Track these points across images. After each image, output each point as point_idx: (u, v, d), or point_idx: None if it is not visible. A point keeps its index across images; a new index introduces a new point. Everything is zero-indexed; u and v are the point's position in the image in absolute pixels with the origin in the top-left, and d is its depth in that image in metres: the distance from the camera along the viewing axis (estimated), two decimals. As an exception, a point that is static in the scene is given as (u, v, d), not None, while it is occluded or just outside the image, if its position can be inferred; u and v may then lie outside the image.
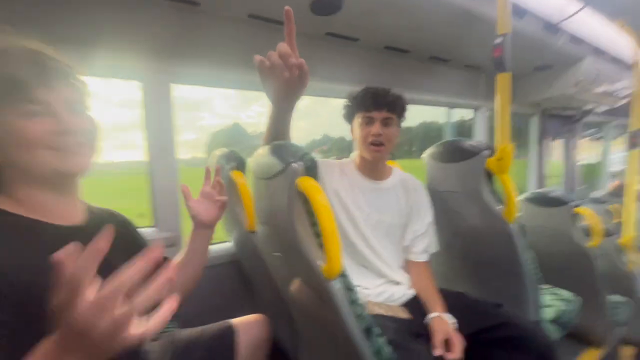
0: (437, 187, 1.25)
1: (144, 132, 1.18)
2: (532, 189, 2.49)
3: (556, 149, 3.08)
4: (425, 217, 1.12)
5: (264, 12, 1.17)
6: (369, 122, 1.04)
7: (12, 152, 0.49)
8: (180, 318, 1.14)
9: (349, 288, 0.68)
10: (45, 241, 0.49)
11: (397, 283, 1.07)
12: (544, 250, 1.58)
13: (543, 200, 1.61)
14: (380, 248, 1.07)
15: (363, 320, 0.68)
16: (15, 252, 0.46)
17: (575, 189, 3.11)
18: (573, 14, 1.69)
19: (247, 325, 0.85)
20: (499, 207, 1.08)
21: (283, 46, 0.65)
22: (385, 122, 1.03)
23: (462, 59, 1.94)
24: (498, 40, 0.98)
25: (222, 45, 1.24)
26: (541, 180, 2.83)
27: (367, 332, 0.68)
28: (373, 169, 1.11)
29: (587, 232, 1.50)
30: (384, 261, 1.07)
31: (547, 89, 2.27)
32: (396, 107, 1.04)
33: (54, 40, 0.52)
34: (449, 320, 0.93)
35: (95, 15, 0.96)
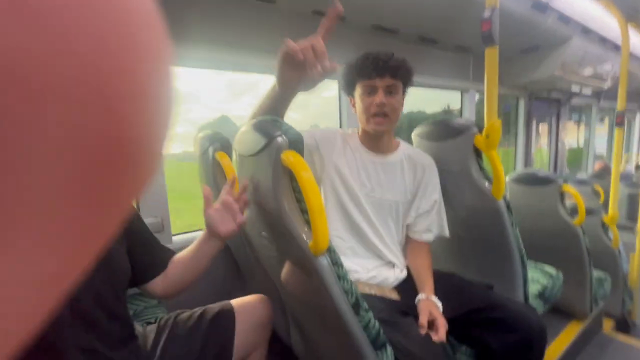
0: None
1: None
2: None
3: (542, 136, 3.13)
4: (431, 195, 1.07)
5: None
6: (371, 91, 0.95)
7: None
8: (170, 305, 1.12)
9: (336, 263, 0.67)
10: None
11: (393, 265, 1.04)
12: (529, 227, 1.61)
13: (530, 180, 1.62)
14: (381, 226, 1.02)
15: (351, 295, 0.67)
16: None
17: (562, 172, 3.18)
18: (561, -8, 1.68)
19: (247, 306, 0.85)
20: (487, 185, 1.08)
21: (321, 45, 0.63)
22: (389, 90, 0.94)
23: (451, 40, 1.92)
24: (486, 14, 0.96)
25: (210, 26, 1.19)
26: (528, 163, 2.88)
27: (356, 306, 0.68)
28: (377, 142, 1.03)
29: (573, 211, 1.52)
30: (383, 241, 1.03)
31: (533, 71, 2.27)
32: (400, 72, 0.94)
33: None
34: (436, 302, 0.93)
35: None
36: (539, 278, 1.32)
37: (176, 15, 1.14)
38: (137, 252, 0.72)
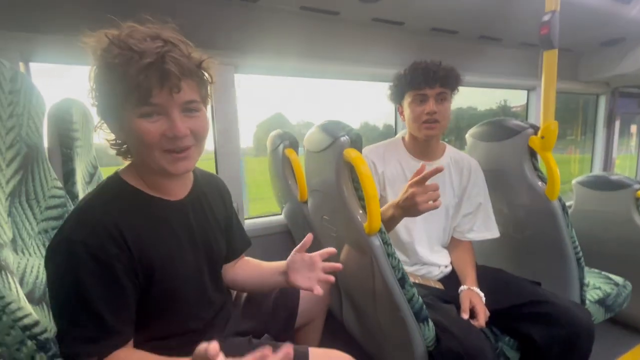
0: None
1: (211, 122, 1.36)
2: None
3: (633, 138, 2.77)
4: (475, 197, 1.10)
5: (314, 3, 1.28)
6: (421, 100, 1.00)
7: (135, 147, 0.57)
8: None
9: (386, 243, 0.79)
10: (157, 212, 0.62)
11: (437, 266, 1.09)
12: (598, 234, 1.52)
13: (601, 183, 1.53)
14: (424, 232, 1.07)
15: (398, 271, 0.79)
16: (140, 220, 0.59)
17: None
18: (650, -20, 1.53)
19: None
20: (541, 185, 1.09)
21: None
22: (439, 98, 1.00)
23: (516, 37, 1.86)
24: (545, 18, 0.98)
25: (278, 36, 1.38)
26: (608, 165, 2.59)
27: (402, 281, 0.80)
28: (425, 149, 1.08)
29: None
30: (429, 247, 1.08)
31: (617, 65, 2.07)
32: (449, 80, 0.99)
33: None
34: (479, 293, 0.98)
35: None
36: (601, 285, 1.26)
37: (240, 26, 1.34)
38: (230, 232, 0.80)
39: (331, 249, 0.74)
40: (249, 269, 0.84)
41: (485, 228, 1.12)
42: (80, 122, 0.97)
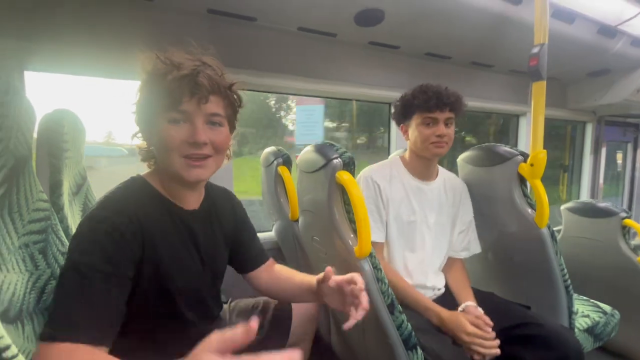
0: (469, 190, 1.29)
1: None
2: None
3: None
4: (466, 215, 1.15)
5: (312, 24, 1.31)
6: (430, 122, 1.02)
7: (158, 151, 0.62)
8: (227, 293, 1.32)
9: (376, 267, 0.79)
10: (174, 219, 0.65)
11: (432, 289, 1.08)
12: (585, 261, 1.53)
13: (588, 210, 1.56)
14: (424, 250, 1.07)
15: (387, 297, 0.78)
16: (156, 218, 0.62)
17: (633, 202, 2.86)
18: (633, 17, 1.61)
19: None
20: (530, 212, 1.11)
21: None
22: (447, 122, 1.03)
23: (506, 64, 1.93)
24: (534, 50, 1.02)
25: (276, 55, 1.40)
26: (595, 192, 2.65)
27: (391, 307, 0.79)
28: (425, 169, 1.10)
29: (638, 248, 1.43)
30: (424, 266, 1.07)
31: (603, 94, 2.15)
32: (457, 106, 1.03)
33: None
34: (481, 312, 0.97)
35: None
36: (589, 313, 1.27)
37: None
38: (242, 246, 0.82)
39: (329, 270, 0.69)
40: (283, 281, 0.83)
41: (474, 244, 1.17)
42: (71, 133, 0.96)
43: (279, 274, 0.86)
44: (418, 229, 1.07)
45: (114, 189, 0.63)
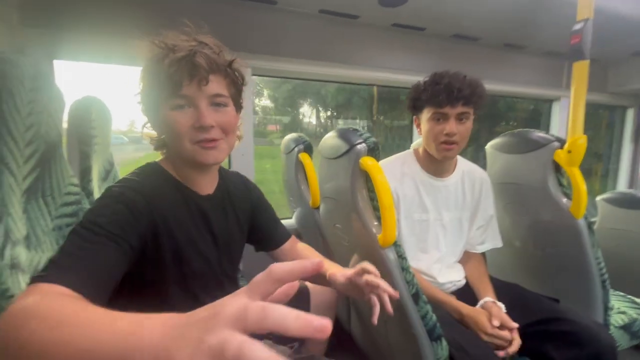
0: (498, 179, 1.23)
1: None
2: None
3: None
4: (487, 210, 1.08)
5: (334, 6, 1.27)
6: (440, 118, 0.92)
7: (169, 139, 0.61)
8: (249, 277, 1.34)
9: (401, 256, 0.76)
10: (189, 203, 0.65)
11: (447, 283, 1.05)
12: (623, 255, 1.44)
13: (628, 201, 1.45)
14: (438, 250, 1.03)
15: (412, 286, 0.76)
16: (171, 200, 0.62)
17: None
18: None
19: (318, 288, 0.95)
20: (565, 202, 1.04)
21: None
22: (460, 118, 0.92)
23: (541, 45, 1.80)
24: (577, 27, 0.93)
25: (296, 39, 1.37)
26: (635, 182, 2.48)
27: (415, 297, 0.76)
28: (439, 166, 1.02)
29: None
30: (439, 265, 1.04)
31: (649, 76, 1.97)
32: (473, 99, 0.90)
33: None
34: (501, 306, 0.93)
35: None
36: (626, 309, 1.19)
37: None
38: (262, 227, 0.81)
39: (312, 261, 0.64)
40: (297, 256, 0.83)
41: (492, 238, 1.11)
42: (99, 120, 0.98)
43: (302, 253, 0.86)
44: (431, 228, 1.02)
45: (131, 173, 0.64)
